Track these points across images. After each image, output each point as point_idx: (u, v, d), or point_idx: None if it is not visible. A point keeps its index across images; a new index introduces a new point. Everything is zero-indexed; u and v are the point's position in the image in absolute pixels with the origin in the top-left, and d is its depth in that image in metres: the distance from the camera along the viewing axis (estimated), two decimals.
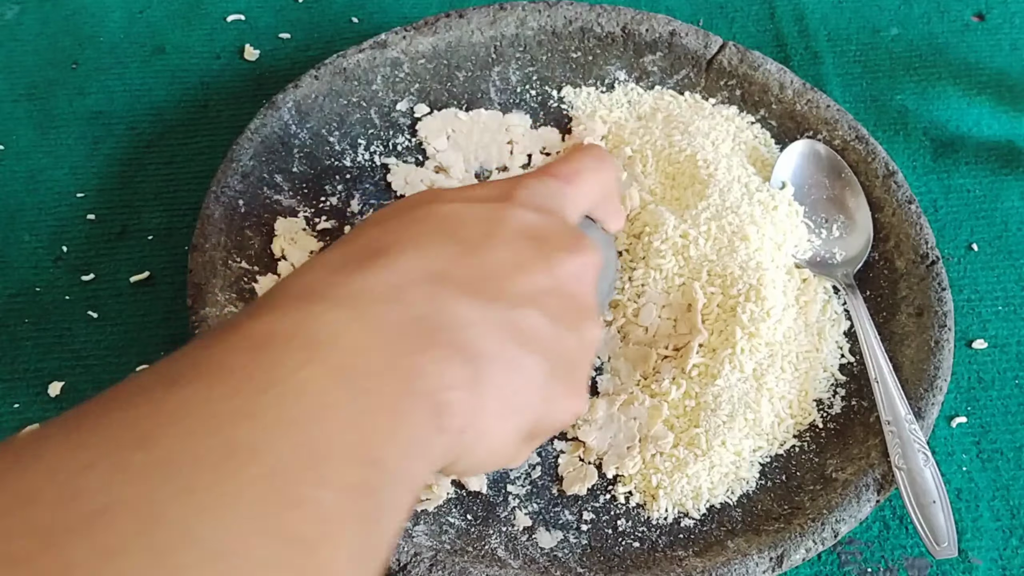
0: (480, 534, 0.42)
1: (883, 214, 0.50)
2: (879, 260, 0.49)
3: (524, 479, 0.44)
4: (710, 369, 0.45)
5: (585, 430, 0.44)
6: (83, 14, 0.60)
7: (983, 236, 0.52)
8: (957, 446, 0.46)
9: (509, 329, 0.27)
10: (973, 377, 0.48)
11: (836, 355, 0.47)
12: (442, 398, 0.25)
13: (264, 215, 0.49)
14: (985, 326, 0.50)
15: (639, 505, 0.43)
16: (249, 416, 0.21)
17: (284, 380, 0.21)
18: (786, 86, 0.53)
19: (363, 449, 0.22)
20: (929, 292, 0.46)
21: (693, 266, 0.47)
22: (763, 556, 0.40)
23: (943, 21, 0.61)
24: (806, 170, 0.51)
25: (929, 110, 0.57)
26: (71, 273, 0.50)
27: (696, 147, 0.50)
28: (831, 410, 0.46)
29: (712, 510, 0.43)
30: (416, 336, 0.25)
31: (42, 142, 0.55)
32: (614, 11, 0.55)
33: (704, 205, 0.48)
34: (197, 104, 0.56)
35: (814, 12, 0.61)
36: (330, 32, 0.60)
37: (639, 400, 0.45)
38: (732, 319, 0.45)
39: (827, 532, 0.40)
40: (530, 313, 0.28)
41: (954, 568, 0.43)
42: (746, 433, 0.44)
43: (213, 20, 0.60)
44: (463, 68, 0.55)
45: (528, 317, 0.28)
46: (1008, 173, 0.55)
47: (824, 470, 0.43)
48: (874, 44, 0.60)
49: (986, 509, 0.44)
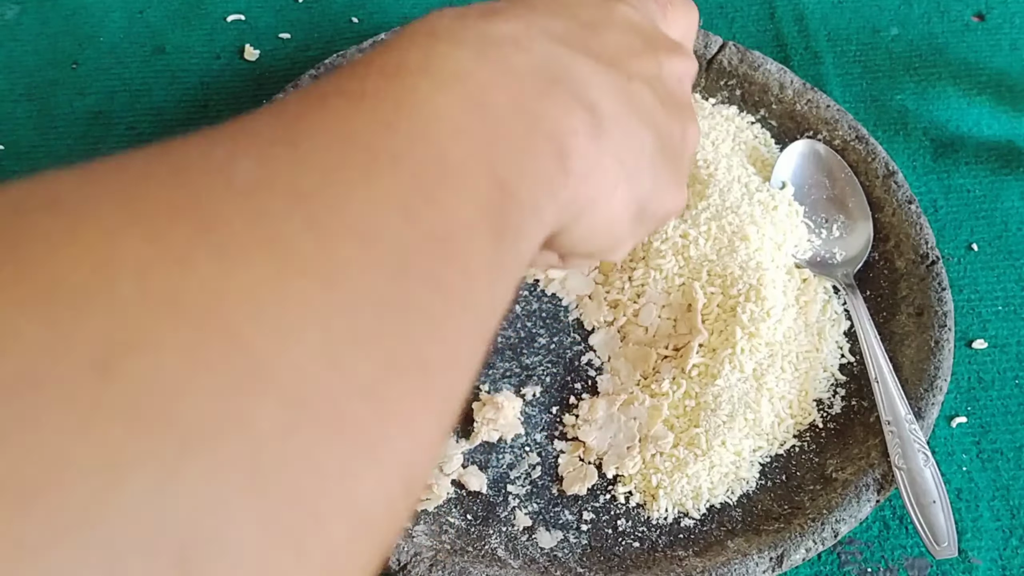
0: (480, 534, 0.42)
1: (883, 214, 0.50)
2: (879, 260, 0.49)
3: (524, 479, 0.44)
4: (710, 369, 0.45)
5: (585, 430, 0.44)
6: (83, 14, 0.60)
7: (983, 236, 0.52)
8: (957, 446, 0.46)
9: (625, 95, 0.28)
10: (973, 377, 0.48)
11: (836, 355, 0.47)
12: (566, 142, 0.25)
13: None
14: (985, 326, 0.50)
15: (639, 505, 0.43)
16: (388, 127, 0.21)
17: (419, 104, 0.22)
18: (786, 86, 0.53)
19: (496, 171, 0.22)
20: (929, 292, 0.46)
21: (693, 266, 0.47)
22: (763, 556, 0.40)
23: (943, 21, 0.61)
24: (806, 170, 0.51)
25: (929, 110, 0.57)
26: None
27: (696, 147, 0.50)
28: (831, 410, 0.46)
29: (712, 510, 0.43)
30: (541, 81, 0.25)
31: (42, 142, 0.55)
32: None
33: (704, 205, 0.48)
34: (197, 104, 0.56)
35: (814, 12, 0.61)
36: (330, 32, 0.60)
37: (639, 400, 0.45)
38: (732, 319, 0.45)
39: (827, 532, 0.40)
40: (645, 91, 0.29)
41: (954, 568, 0.43)
42: (746, 433, 0.44)
43: (213, 20, 0.60)
44: None
45: (642, 92, 0.28)
46: (1008, 173, 0.55)
47: (824, 470, 0.43)
48: (874, 44, 0.60)
49: (986, 509, 0.44)
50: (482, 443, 0.44)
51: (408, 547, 0.39)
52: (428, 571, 0.39)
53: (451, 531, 0.42)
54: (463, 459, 0.44)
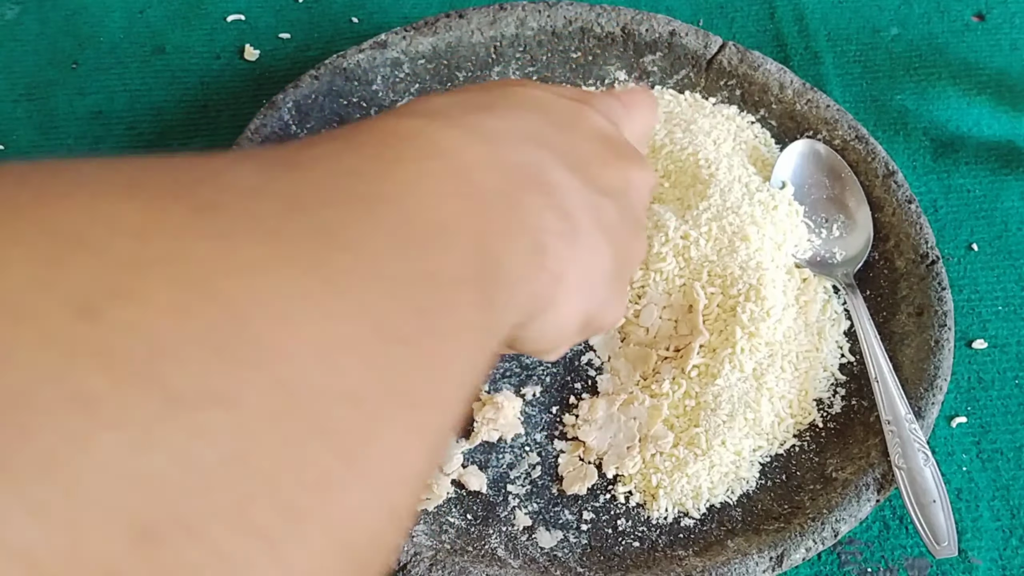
0: (480, 534, 0.42)
1: (883, 214, 0.50)
2: (879, 260, 0.49)
3: (524, 479, 0.44)
4: (710, 369, 0.45)
5: (585, 430, 0.44)
6: (83, 14, 0.60)
7: (983, 236, 0.52)
8: (957, 446, 0.46)
9: (595, 211, 0.28)
10: (973, 377, 0.48)
11: (836, 355, 0.47)
12: (543, 239, 0.25)
13: None
14: (985, 326, 0.50)
15: (639, 505, 0.43)
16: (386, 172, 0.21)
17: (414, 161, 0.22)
18: (786, 86, 0.53)
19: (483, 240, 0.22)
20: (929, 292, 0.46)
21: (694, 267, 0.47)
22: (763, 556, 0.40)
23: (943, 21, 0.61)
24: (806, 170, 0.51)
25: (929, 110, 0.57)
26: None
27: (698, 146, 0.50)
28: (831, 410, 0.46)
29: (712, 510, 0.43)
30: (524, 177, 0.25)
31: (42, 142, 0.55)
32: (614, 11, 0.55)
33: (705, 205, 0.48)
34: (197, 104, 0.56)
35: (814, 12, 0.61)
36: (330, 32, 0.60)
37: (639, 400, 0.45)
38: (732, 319, 0.45)
39: (827, 532, 0.40)
40: (609, 205, 0.29)
41: (954, 568, 0.43)
42: (746, 433, 0.44)
43: (213, 20, 0.60)
44: (463, 68, 0.55)
45: (608, 208, 0.29)
46: (1008, 173, 0.55)
47: (824, 470, 0.43)
48: (874, 44, 0.60)
49: (986, 509, 0.44)
50: (482, 443, 0.44)
51: (408, 547, 0.39)
52: (428, 571, 0.39)
53: (451, 531, 0.42)
54: (463, 459, 0.44)
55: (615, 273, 0.30)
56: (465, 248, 0.21)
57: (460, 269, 0.21)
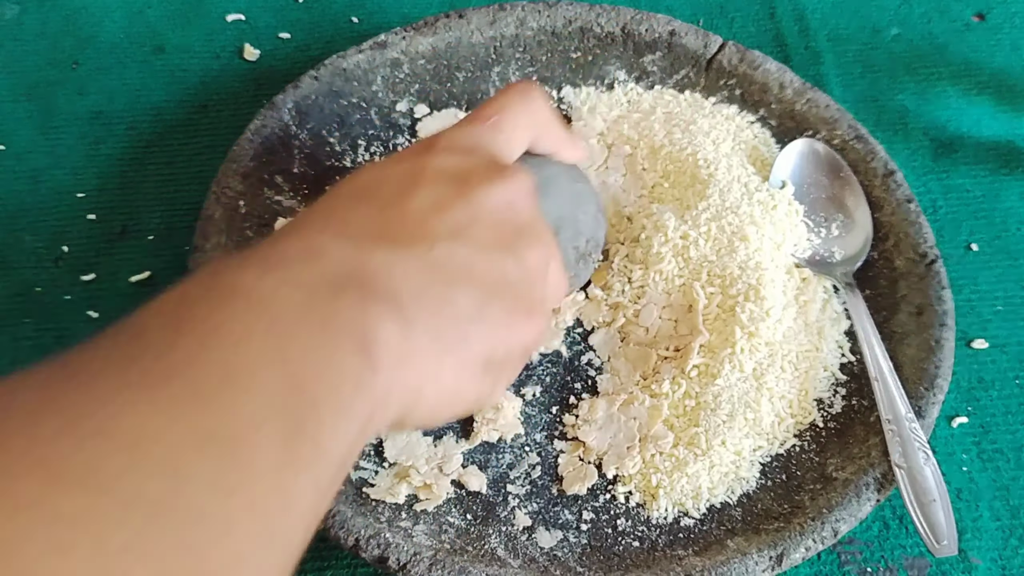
0: (480, 534, 0.42)
1: (882, 213, 0.50)
2: (879, 259, 0.49)
3: (524, 479, 0.44)
4: (710, 369, 0.45)
5: (585, 430, 0.44)
6: (83, 14, 0.60)
7: (983, 236, 0.52)
8: (957, 446, 0.46)
9: (431, 268, 0.28)
10: (973, 377, 0.48)
11: (836, 354, 0.47)
12: (368, 338, 0.25)
13: (264, 216, 0.49)
14: (985, 326, 0.50)
15: (639, 505, 0.43)
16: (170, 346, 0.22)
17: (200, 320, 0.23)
18: (786, 85, 0.53)
19: (291, 373, 0.23)
20: (929, 291, 0.46)
21: (693, 267, 0.47)
22: (763, 555, 0.40)
23: (943, 21, 0.61)
24: (805, 169, 0.51)
25: (929, 110, 0.57)
26: (71, 273, 0.50)
27: (697, 146, 0.50)
28: (831, 409, 0.46)
29: (712, 509, 0.43)
30: (332, 287, 0.25)
31: (42, 142, 0.55)
32: (614, 11, 0.55)
33: (704, 205, 0.48)
34: (197, 104, 0.56)
35: (814, 12, 0.61)
36: (330, 32, 0.60)
37: (639, 400, 0.45)
38: (732, 319, 0.45)
39: (827, 531, 0.40)
40: (453, 248, 0.29)
41: (954, 568, 0.43)
42: (746, 432, 0.44)
43: (213, 20, 0.60)
44: (463, 68, 0.55)
45: (451, 252, 0.29)
46: (1008, 173, 0.55)
47: (824, 469, 0.43)
48: (874, 44, 0.60)
49: (986, 509, 0.44)
50: (482, 443, 0.44)
51: (408, 547, 0.39)
52: (428, 571, 0.39)
53: (451, 531, 0.42)
54: (463, 459, 0.44)
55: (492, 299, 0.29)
56: (265, 392, 0.22)
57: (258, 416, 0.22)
